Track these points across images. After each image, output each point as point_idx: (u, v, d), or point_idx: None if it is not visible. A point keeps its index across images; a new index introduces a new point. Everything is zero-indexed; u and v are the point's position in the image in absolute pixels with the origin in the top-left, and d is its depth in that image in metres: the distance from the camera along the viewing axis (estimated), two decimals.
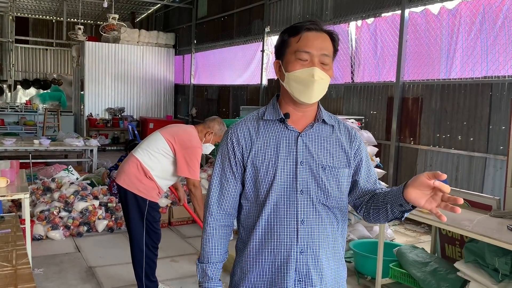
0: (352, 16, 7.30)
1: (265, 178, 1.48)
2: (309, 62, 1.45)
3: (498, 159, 5.15)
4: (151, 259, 3.50)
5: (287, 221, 1.47)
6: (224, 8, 11.49)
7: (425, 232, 5.80)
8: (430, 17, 6.08)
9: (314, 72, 1.44)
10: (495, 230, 2.95)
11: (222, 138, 1.60)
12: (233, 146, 1.53)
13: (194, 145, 3.38)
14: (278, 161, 1.47)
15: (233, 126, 1.57)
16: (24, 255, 2.22)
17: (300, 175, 1.47)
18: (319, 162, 1.49)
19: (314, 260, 1.48)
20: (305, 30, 1.46)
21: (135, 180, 3.34)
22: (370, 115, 6.97)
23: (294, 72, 1.46)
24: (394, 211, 1.40)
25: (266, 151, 1.49)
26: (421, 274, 3.51)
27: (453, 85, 5.75)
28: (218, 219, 1.57)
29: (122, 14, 15.73)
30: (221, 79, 11.77)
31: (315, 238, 1.48)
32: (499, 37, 5.25)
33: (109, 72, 12.93)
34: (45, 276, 4.02)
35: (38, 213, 5.10)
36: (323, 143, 1.52)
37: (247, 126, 1.54)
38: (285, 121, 1.51)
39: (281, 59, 1.52)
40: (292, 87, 1.47)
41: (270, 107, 1.56)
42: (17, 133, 11.81)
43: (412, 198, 1.29)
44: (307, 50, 1.45)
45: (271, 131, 1.52)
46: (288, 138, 1.50)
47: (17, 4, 15.25)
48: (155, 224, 3.48)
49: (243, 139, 1.52)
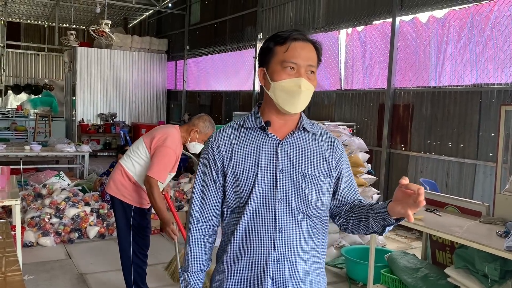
0: (343, 23, 7.37)
1: (245, 185, 1.48)
2: (295, 72, 1.46)
3: (488, 165, 5.21)
4: (139, 266, 3.48)
5: (265, 229, 1.46)
6: (217, 14, 11.53)
7: (416, 238, 5.84)
8: (419, 25, 6.16)
9: (301, 83, 1.44)
10: (484, 236, 2.98)
11: (204, 147, 1.62)
12: (214, 154, 1.53)
13: (165, 144, 3.25)
14: (258, 169, 1.47)
15: (214, 135, 1.57)
16: (14, 261, 2.20)
17: (280, 183, 1.46)
18: (300, 170, 1.48)
19: (291, 270, 1.46)
20: (292, 40, 1.46)
21: (120, 186, 3.35)
22: (361, 121, 7.02)
23: (280, 82, 1.46)
24: (376, 225, 1.42)
25: (246, 158, 1.49)
26: (412, 280, 3.53)
27: (443, 92, 5.81)
28: (200, 228, 1.57)
29: (114, 19, 15.72)
30: (213, 85, 11.78)
31: (292, 247, 1.46)
32: (488, 45, 5.33)
33: (101, 78, 12.89)
34: (35, 283, 3.98)
35: (29, 219, 5.06)
36: (304, 151, 1.51)
37: (228, 134, 1.55)
38: (266, 129, 1.50)
39: (265, 67, 1.51)
40: (277, 97, 1.47)
41: (252, 115, 1.56)
42: (7, 138, 11.71)
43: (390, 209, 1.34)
44: (294, 61, 1.45)
45: (251, 139, 1.52)
46: (268, 146, 1.49)
47: (9, 9, 15.18)
48: (142, 231, 3.46)
49: (224, 147, 1.52)
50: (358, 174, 4.98)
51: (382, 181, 6.41)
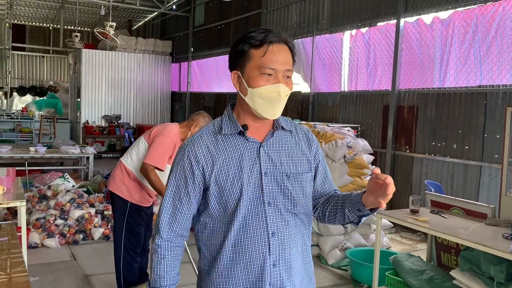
0: (348, 25, 7.36)
1: (232, 193, 1.42)
2: (273, 77, 1.40)
3: (493, 167, 5.19)
4: (129, 263, 3.50)
5: (258, 235, 1.43)
6: (221, 16, 11.55)
7: (421, 240, 5.81)
8: (423, 27, 6.15)
9: (280, 90, 1.40)
10: (490, 238, 2.96)
11: (177, 156, 1.49)
12: (192, 165, 1.44)
13: (162, 133, 3.36)
14: (243, 175, 1.42)
15: (189, 144, 1.47)
16: (20, 262, 2.21)
17: (266, 187, 1.43)
18: (283, 171, 1.46)
19: (286, 271, 1.45)
20: (268, 44, 1.40)
21: (119, 182, 3.43)
22: (366, 123, 7.01)
23: (259, 89, 1.40)
24: (352, 215, 1.44)
25: (229, 166, 1.42)
26: (417, 282, 3.52)
27: (448, 94, 5.79)
28: (168, 240, 1.48)
29: (119, 21, 15.78)
30: (217, 86, 11.80)
31: (286, 248, 1.45)
32: (493, 47, 5.31)
33: (106, 80, 12.95)
34: (40, 285, 3.99)
35: (34, 220, 5.08)
36: (284, 151, 1.49)
37: (205, 142, 1.46)
38: (245, 133, 1.45)
39: (240, 70, 1.45)
40: (256, 103, 1.42)
41: (226, 120, 1.49)
42: (13, 140, 11.76)
43: (364, 200, 1.36)
44: (272, 67, 1.39)
45: (231, 145, 1.45)
46: (249, 150, 1.45)
47: (14, 12, 15.28)
48: (135, 227, 3.49)
49: (203, 157, 1.44)
50: (363, 176, 4.97)
51: None
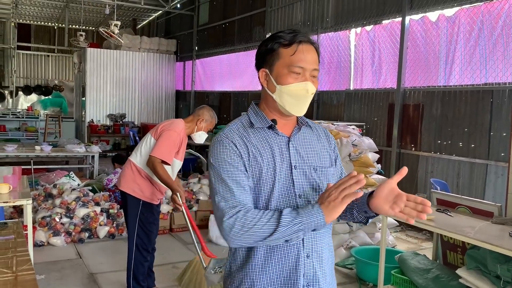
0: (353, 23, 7.33)
1: (265, 186, 1.45)
2: (301, 76, 1.45)
3: (500, 165, 5.15)
4: (139, 261, 3.52)
5: None
6: (225, 15, 11.54)
7: (426, 238, 5.79)
8: (428, 24, 6.12)
9: (308, 87, 1.45)
10: (497, 236, 2.95)
11: (217, 148, 1.46)
12: (234, 150, 1.43)
13: (170, 128, 3.41)
14: (275, 168, 1.45)
15: (226, 136, 1.47)
16: (26, 261, 2.22)
17: (296, 180, 1.47)
18: (310, 164, 1.51)
19: (318, 262, 1.49)
20: (298, 43, 1.45)
21: (130, 181, 3.45)
22: (371, 121, 6.98)
23: (288, 86, 1.45)
24: (360, 216, 1.47)
25: (262, 159, 1.45)
26: (423, 281, 3.50)
27: (453, 91, 5.76)
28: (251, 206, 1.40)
29: (123, 20, 15.81)
30: (222, 85, 11.80)
31: (317, 239, 1.49)
32: (499, 44, 5.27)
33: (111, 79, 12.98)
34: (46, 282, 4.02)
35: (40, 219, 5.10)
36: (310, 145, 1.54)
37: (239, 135, 1.47)
38: (275, 127, 1.50)
39: (268, 68, 1.50)
40: (284, 100, 1.47)
41: (254, 116, 1.53)
42: (18, 139, 11.83)
43: (377, 208, 1.36)
44: (301, 65, 1.44)
45: (262, 138, 1.49)
46: (279, 144, 1.49)
47: (19, 11, 15.33)
48: (148, 226, 3.51)
49: (242, 147, 1.45)
50: (368, 174, 4.95)
51: None
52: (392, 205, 1.32)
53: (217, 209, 1.39)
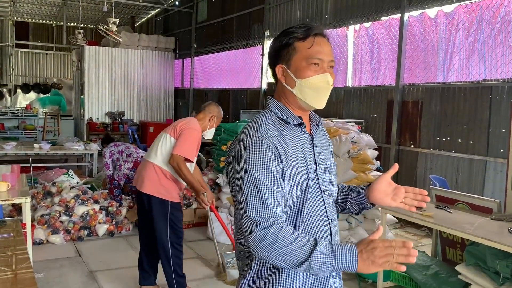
0: (351, 20, 7.32)
1: (300, 183, 1.43)
2: (320, 67, 1.44)
3: (498, 162, 5.16)
4: (177, 256, 3.61)
5: (322, 223, 1.48)
6: (224, 12, 11.52)
7: (425, 235, 5.80)
8: (427, 20, 6.11)
9: (328, 79, 1.45)
10: (496, 233, 2.95)
11: (253, 148, 1.38)
12: (275, 155, 1.38)
13: (190, 126, 3.47)
14: (308, 165, 1.46)
15: (264, 135, 1.40)
16: (25, 259, 2.22)
17: (320, 176, 1.50)
18: (326, 161, 1.56)
19: None
20: (314, 35, 1.45)
21: (156, 184, 3.47)
22: (370, 118, 6.98)
23: (308, 79, 1.43)
24: (353, 207, 1.57)
25: (297, 157, 1.44)
26: (422, 278, 3.51)
27: (452, 88, 5.76)
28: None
29: (122, 18, 15.77)
30: (221, 83, 11.79)
31: (337, 233, 1.55)
32: (498, 41, 5.26)
33: (109, 76, 12.96)
34: (46, 281, 4.01)
35: (39, 217, 5.10)
36: (324, 142, 1.60)
37: (276, 133, 1.42)
38: (303, 124, 1.49)
39: (285, 64, 1.46)
40: (305, 94, 1.45)
41: (281, 112, 1.48)
42: (17, 137, 11.81)
43: (378, 201, 1.48)
44: (319, 57, 1.44)
45: (294, 136, 1.46)
46: (306, 141, 1.50)
47: (17, 9, 15.28)
48: (178, 223, 3.59)
49: (280, 145, 1.40)
50: (367, 171, 4.95)
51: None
52: (393, 197, 1.44)
53: (247, 218, 1.33)
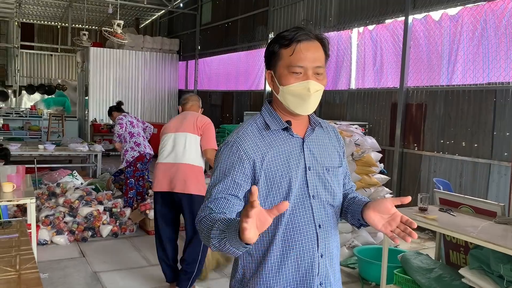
0: (355, 22, 7.33)
1: (280, 188, 1.45)
2: (303, 75, 1.43)
3: (503, 165, 5.14)
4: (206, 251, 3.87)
5: (306, 228, 1.47)
6: (228, 14, 11.54)
7: (429, 238, 5.78)
8: (431, 23, 6.10)
9: (310, 86, 1.43)
10: (500, 236, 2.94)
11: (224, 152, 1.47)
12: (243, 159, 1.44)
13: (207, 120, 3.77)
14: (290, 170, 1.46)
15: (237, 140, 1.47)
16: (30, 259, 2.23)
17: (310, 181, 1.49)
18: (323, 165, 1.53)
19: (330, 261, 1.52)
20: (296, 42, 1.43)
21: (196, 183, 3.64)
22: (374, 121, 6.97)
23: (289, 86, 1.44)
24: (353, 221, 1.55)
25: (277, 162, 1.45)
26: (425, 281, 3.50)
27: (457, 91, 5.75)
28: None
29: (126, 20, 15.81)
30: (224, 84, 11.80)
31: (329, 239, 1.52)
32: (502, 44, 5.25)
33: (114, 78, 13.00)
34: (50, 281, 4.03)
35: (43, 218, 5.12)
36: (322, 146, 1.56)
37: (253, 138, 1.47)
38: (290, 129, 1.50)
39: (272, 70, 1.50)
40: (287, 100, 1.46)
41: (268, 117, 1.52)
42: (22, 138, 11.86)
43: (370, 221, 1.44)
44: (300, 65, 1.43)
45: (278, 140, 1.48)
46: (294, 145, 1.49)
47: (23, 10, 15.36)
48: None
49: (254, 152, 1.45)
50: (371, 174, 4.95)
51: (395, 181, 6.36)
52: (385, 224, 1.41)
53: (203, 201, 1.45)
